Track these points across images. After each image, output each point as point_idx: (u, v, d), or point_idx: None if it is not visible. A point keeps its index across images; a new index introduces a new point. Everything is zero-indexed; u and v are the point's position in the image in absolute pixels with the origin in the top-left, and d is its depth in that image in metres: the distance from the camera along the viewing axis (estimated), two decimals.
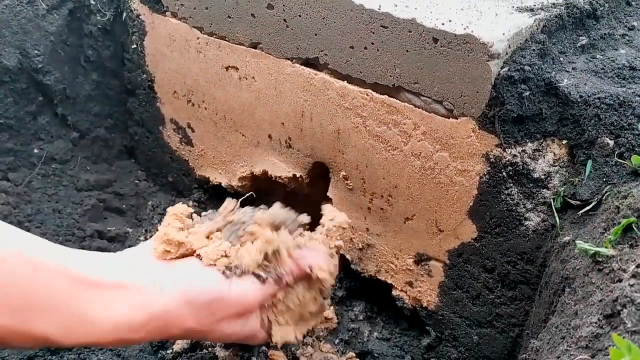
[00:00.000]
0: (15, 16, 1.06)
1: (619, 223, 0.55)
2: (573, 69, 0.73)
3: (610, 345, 0.43)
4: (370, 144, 0.83)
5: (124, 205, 1.18)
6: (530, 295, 0.77)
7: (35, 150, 1.14)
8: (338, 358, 0.88)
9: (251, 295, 0.65)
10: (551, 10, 0.77)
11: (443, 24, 0.71)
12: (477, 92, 0.71)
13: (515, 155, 0.72)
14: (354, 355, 0.90)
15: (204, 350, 0.85)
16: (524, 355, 0.62)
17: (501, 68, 0.70)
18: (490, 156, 0.74)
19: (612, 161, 0.65)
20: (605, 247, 0.55)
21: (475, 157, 0.75)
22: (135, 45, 1.12)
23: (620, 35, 0.83)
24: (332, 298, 0.98)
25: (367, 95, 0.81)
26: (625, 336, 0.43)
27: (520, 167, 0.72)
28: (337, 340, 0.92)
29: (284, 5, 0.85)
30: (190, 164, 1.14)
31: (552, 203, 0.72)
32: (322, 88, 0.85)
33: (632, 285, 0.46)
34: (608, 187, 0.65)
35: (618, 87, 0.69)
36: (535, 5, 0.78)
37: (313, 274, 0.69)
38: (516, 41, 0.71)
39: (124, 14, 1.12)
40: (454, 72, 0.72)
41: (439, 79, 0.74)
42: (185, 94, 1.07)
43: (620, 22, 0.87)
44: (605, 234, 0.58)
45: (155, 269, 0.64)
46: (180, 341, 0.86)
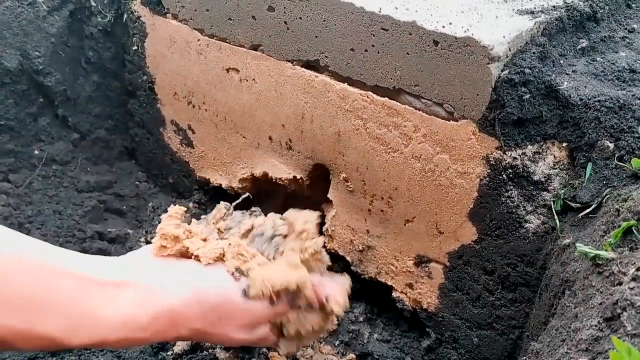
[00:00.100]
0: (16, 18, 1.06)
1: (619, 226, 0.56)
2: (573, 71, 0.73)
3: (610, 348, 0.43)
4: (371, 146, 0.83)
5: (125, 207, 1.18)
6: (530, 298, 0.77)
7: (36, 152, 1.14)
8: (338, 359, 0.88)
9: (261, 311, 0.65)
10: (551, 13, 0.77)
11: (443, 27, 0.72)
12: (478, 95, 0.71)
13: (515, 157, 0.72)
14: (354, 356, 0.90)
15: (205, 351, 0.85)
16: (524, 357, 0.62)
17: (501, 71, 0.70)
18: (491, 159, 0.74)
19: (612, 164, 0.66)
20: (605, 250, 0.55)
21: (476, 160, 0.75)
22: (136, 47, 1.12)
23: (620, 37, 0.83)
24: None
25: (368, 97, 0.81)
26: (625, 339, 0.43)
27: (521, 170, 0.72)
28: (338, 342, 0.92)
29: (284, 8, 0.85)
30: (190, 166, 1.15)
31: (552, 205, 0.72)
32: (323, 90, 0.86)
33: (632, 289, 0.47)
34: (608, 190, 0.65)
35: (618, 90, 0.69)
36: (535, 8, 0.78)
37: (327, 306, 0.69)
38: (516, 44, 0.71)
39: (125, 16, 1.12)
40: (454, 75, 0.72)
41: (440, 82, 0.74)
42: (186, 95, 1.07)
43: (620, 25, 0.87)
44: (606, 237, 0.58)
45: (159, 269, 0.64)
46: (181, 342, 0.86)
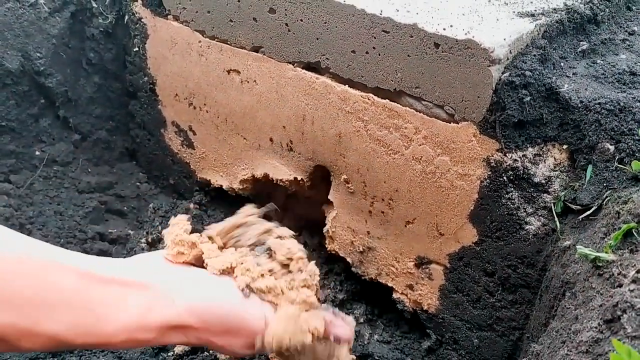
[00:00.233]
0: (18, 19, 1.07)
1: (619, 228, 0.56)
2: (574, 74, 0.74)
3: (610, 350, 0.43)
4: (372, 147, 0.84)
5: (125, 208, 1.18)
6: (530, 299, 0.77)
7: (37, 153, 1.14)
8: None
9: None
10: (552, 16, 0.77)
11: (444, 29, 0.72)
12: (478, 97, 0.71)
13: (516, 159, 0.73)
14: (355, 357, 0.90)
15: (205, 352, 0.85)
16: (525, 359, 0.62)
17: (502, 73, 0.70)
18: (491, 160, 0.74)
19: (613, 166, 0.66)
20: (606, 252, 0.55)
21: (476, 162, 0.75)
22: (137, 48, 1.12)
23: (620, 40, 0.84)
24: (333, 301, 0.98)
25: (369, 99, 0.81)
26: (625, 341, 0.43)
27: (521, 172, 0.73)
28: None
29: (285, 10, 0.86)
30: (191, 167, 1.15)
31: (553, 207, 0.72)
32: (324, 92, 0.86)
33: (632, 291, 0.47)
34: (608, 192, 0.65)
35: (618, 93, 0.70)
36: (536, 10, 0.79)
37: (335, 344, 0.69)
38: (517, 46, 0.72)
39: (126, 17, 1.12)
40: (455, 77, 0.72)
41: (440, 84, 0.74)
42: (187, 96, 1.07)
43: (620, 27, 0.87)
44: (606, 239, 0.58)
45: (168, 274, 0.63)
46: None
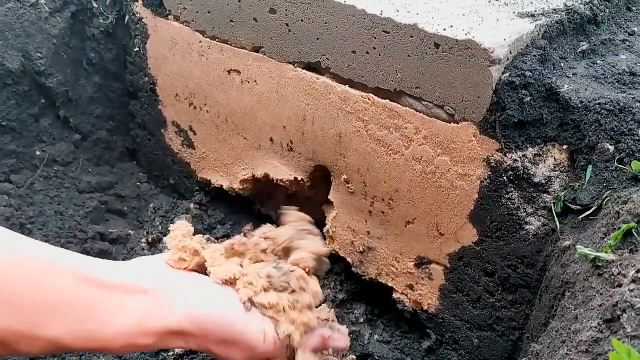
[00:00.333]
0: (18, 19, 1.07)
1: (619, 228, 0.56)
2: (573, 74, 0.74)
3: (609, 350, 0.44)
4: (372, 147, 0.84)
5: (126, 207, 1.18)
6: (530, 299, 0.77)
7: (38, 153, 1.14)
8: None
9: (265, 351, 0.64)
10: (552, 16, 0.77)
11: (444, 30, 0.72)
12: (478, 97, 0.72)
13: (515, 159, 0.73)
14: (355, 357, 0.90)
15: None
16: (524, 358, 0.62)
17: (502, 73, 0.70)
18: (491, 160, 0.74)
19: (612, 166, 0.66)
20: (605, 252, 0.55)
21: (476, 162, 0.75)
22: (137, 48, 1.12)
23: (620, 40, 0.84)
24: (333, 300, 0.98)
25: (369, 99, 0.82)
26: (625, 341, 0.43)
27: (521, 172, 0.73)
28: None
29: (286, 10, 0.86)
30: (191, 167, 1.15)
31: (553, 207, 0.72)
32: (324, 92, 0.86)
33: (632, 290, 0.47)
34: (608, 192, 0.65)
35: (618, 93, 0.70)
36: (536, 10, 0.79)
37: (328, 356, 0.69)
38: (517, 47, 0.72)
39: (127, 17, 1.12)
40: (455, 77, 0.72)
41: (440, 84, 0.74)
42: (187, 96, 1.07)
43: (620, 28, 0.88)
44: (605, 239, 0.58)
45: (170, 279, 0.62)
46: None
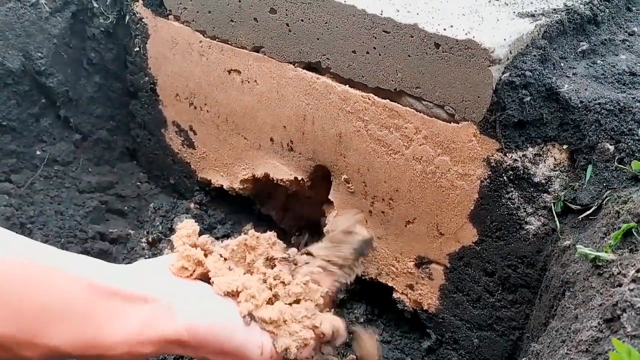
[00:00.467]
0: (19, 19, 1.07)
1: (619, 228, 0.56)
2: (574, 74, 0.74)
3: (610, 349, 0.44)
4: (372, 147, 0.84)
5: (126, 207, 1.18)
6: (530, 299, 0.77)
7: (38, 152, 1.14)
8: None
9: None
10: (552, 16, 0.77)
11: (445, 30, 0.72)
12: (479, 97, 0.72)
13: (516, 159, 0.73)
14: (355, 357, 0.90)
15: None
16: (525, 358, 0.62)
17: (502, 73, 0.70)
18: (491, 160, 0.74)
19: (613, 166, 0.66)
20: (606, 252, 0.55)
21: (476, 162, 0.75)
22: (137, 48, 1.12)
23: (620, 40, 0.84)
24: (334, 301, 0.98)
25: (369, 99, 0.82)
26: (625, 340, 0.43)
27: (521, 172, 0.73)
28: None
29: (286, 10, 0.86)
30: (192, 167, 1.15)
31: (553, 207, 0.72)
32: (324, 92, 0.86)
33: (632, 290, 0.47)
34: (608, 192, 0.65)
35: (618, 93, 0.70)
36: (536, 11, 0.79)
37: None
38: (517, 47, 0.72)
39: (127, 17, 1.12)
40: (455, 77, 0.73)
41: (441, 84, 0.74)
42: (188, 96, 1.07)
43: (620, 28, 0.88)
44: (606, 239, 0.58)
45: (171, 286, 0.62)
46: None
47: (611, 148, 0.66)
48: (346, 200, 0.91)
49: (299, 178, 0.95)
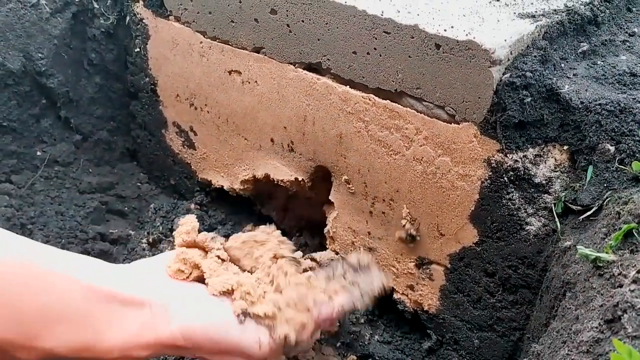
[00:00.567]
0: (19, 20, 1.07)
1: (620, 229, 0.56)
2: (574, 75, 0.74)
3: (611, 350, 0.44)
4: (372, 148, 0.84)
5: (126, 208, 1.18)
6: (531, 300, 0.77)
7: (38, 153, 1.14)
8: None
9: (261, 355, 0.64)
10: (552, 17, 0.77)
11: (445, 30, 0.72)
12: (479, 98, 0.72)
13: (516, 160, 0.73)
14: (355, 358, 0.90)
15: None
16: (525, 359, 0.62)
17: (503, 74, 0.70)
18: (492, 161, 0.74)
19: (613, 167, 0.66)
20: (606, 253, 0.55)
21: (477, 162, 0.75)
22: (138, 49, 1.12)
23: (621, 41, 0.84)
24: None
25: (370, 100, 0.82)
26: (626, 341, 0.43)
27: (522, 172, 0.73)
28: (338, 344, 0.93)
29: (287, 11, 0.86)
30: (192, 167, 1.15)
31: (553, 208, 0.72)
32: (325, 92, 0.86)
33: (633, 291, 0.47)
34: (609, 193, 0.65)
35: (619, 94, 0.70)
36: (536, 11, 0.79)
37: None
38: (518, 47, 0.72)
39: (127, 18, 1.12)
40: (456, 78, 0.73)
41: (441, 85, 0.74)
42: (188, 97, 1.07)
43: (621, 29, 0.88)
44: (606, 240, 0.58)
45: (167, 288, 0.62)
46: None
47: (612, 149, 0.66)
48: (347, 201, 0.91)
49: (300, 179, 0.95)
